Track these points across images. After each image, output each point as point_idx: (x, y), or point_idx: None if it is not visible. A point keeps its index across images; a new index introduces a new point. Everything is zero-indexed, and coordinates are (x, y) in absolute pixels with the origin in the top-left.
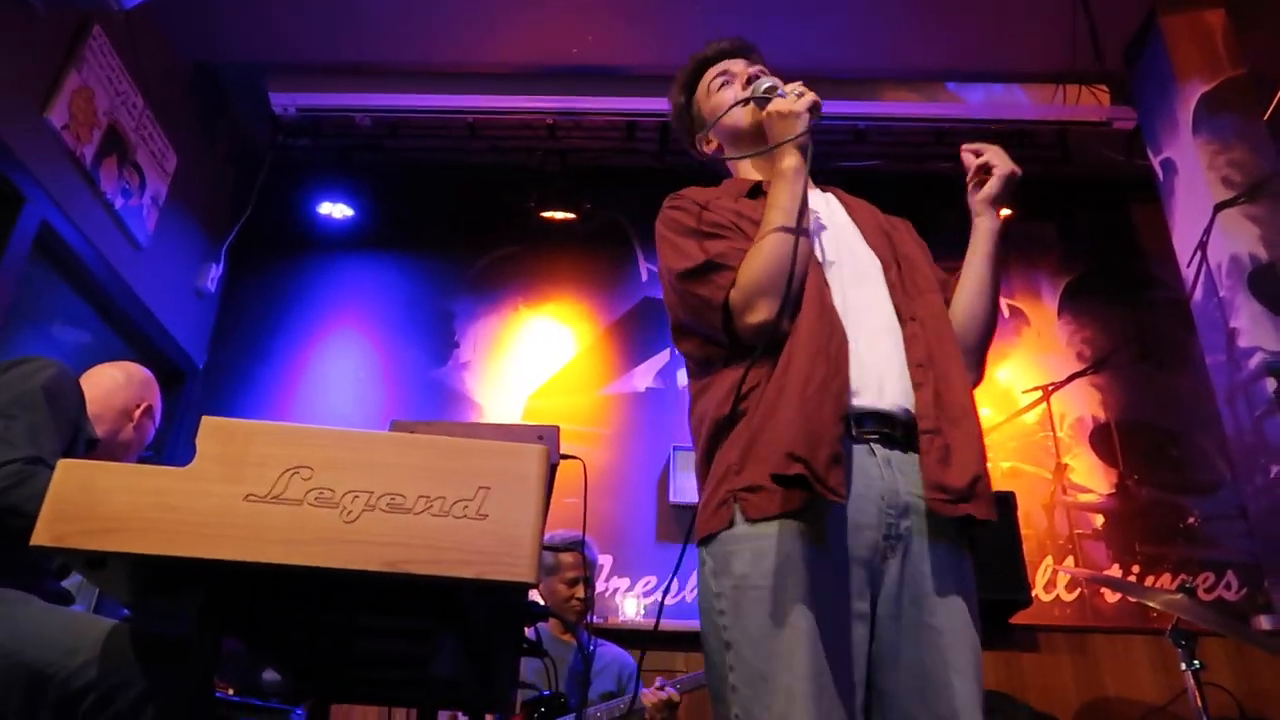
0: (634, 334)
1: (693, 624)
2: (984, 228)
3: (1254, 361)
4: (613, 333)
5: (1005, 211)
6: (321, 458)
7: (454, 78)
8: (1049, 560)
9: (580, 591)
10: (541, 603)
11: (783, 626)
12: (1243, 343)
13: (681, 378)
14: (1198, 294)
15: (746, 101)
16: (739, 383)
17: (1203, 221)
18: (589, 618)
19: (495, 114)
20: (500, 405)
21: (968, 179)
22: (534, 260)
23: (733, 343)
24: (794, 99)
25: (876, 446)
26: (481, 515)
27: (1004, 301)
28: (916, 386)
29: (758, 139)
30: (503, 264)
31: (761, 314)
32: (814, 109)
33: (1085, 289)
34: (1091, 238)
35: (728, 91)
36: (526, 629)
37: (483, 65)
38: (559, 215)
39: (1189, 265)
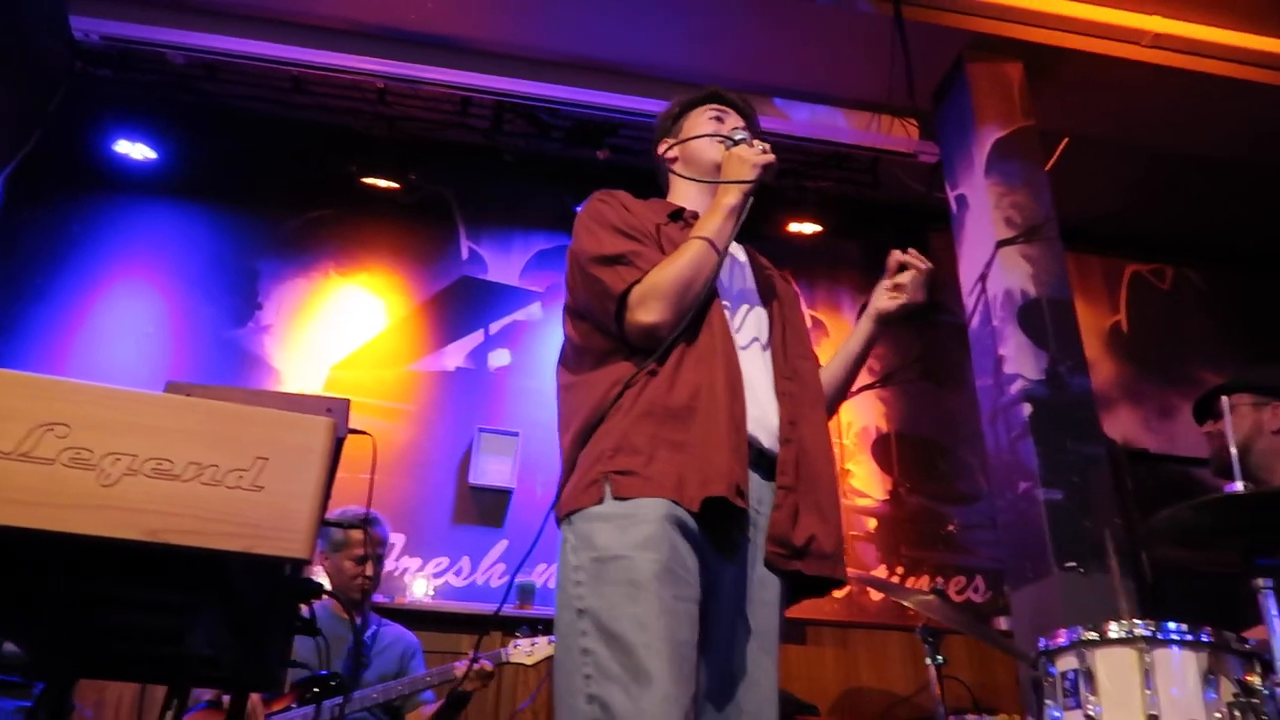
0: (449, 311)
1: (483, 607)
2: (866, 333)
3: (1015, 387)
4: (427, 308)
5: (816, 227)
6: (80, 415)
7: (283, 26)
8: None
9: (368, 569)
10: (321, 580)
11: (642, 593)
12: (1008, 369)
13: (494, 359)
14: (975, 321)
15: (723, 140)
16: (627, 379)
17: (985, 256)
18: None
19: (324, 70)
20: (301, 373)
21: (888, 273)
22: (351, 226)
23: (619, 338)
24: (759, 152)
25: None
26: (257, 487)
27: (807, 312)
28: (784, 443)
29: (710, 175)
30: (317, 226)
31: (654, 316)
32: (769, 169)
33: None
34: None
35: (713, 125)
36: (303, 606)
37: (316, 17)
38: (382, 183)
39: (970, 294)
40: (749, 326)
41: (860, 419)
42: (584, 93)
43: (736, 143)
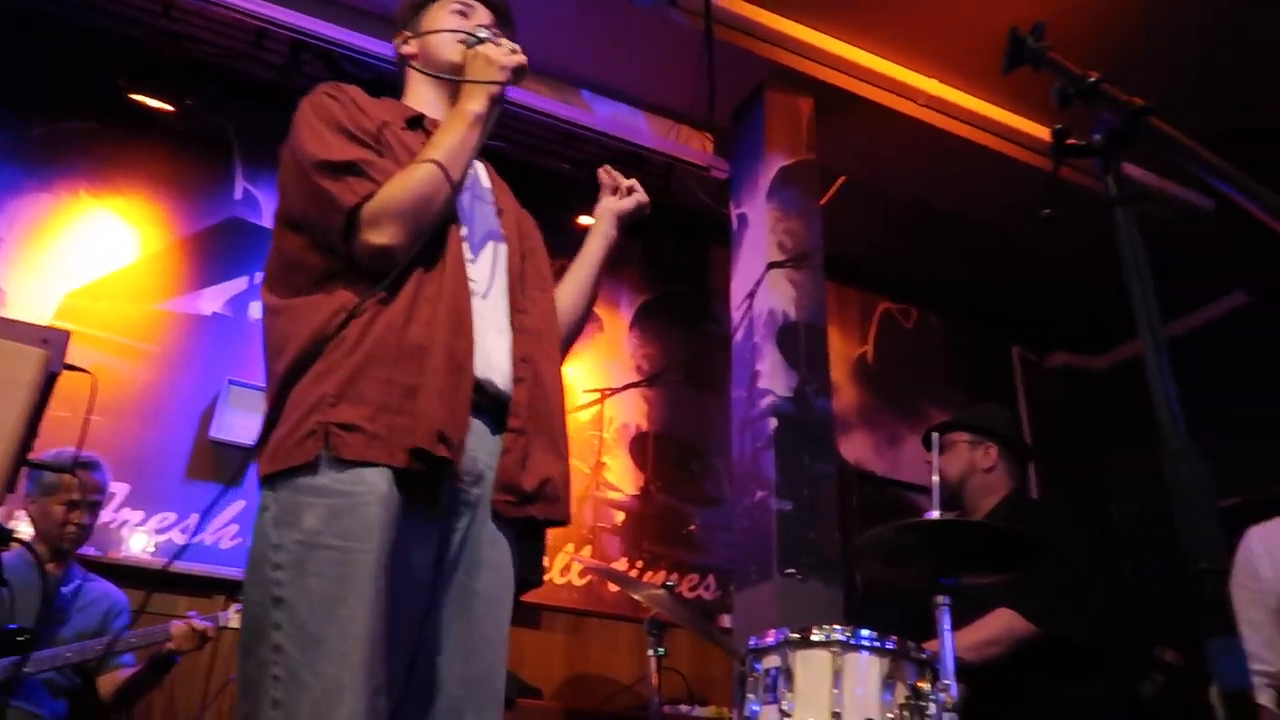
0: (212, 252)
1: (209, 569)
2: (604, 233)
3: (765, 402)
4: (188, 246)
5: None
6: None
7: None
8: (570, 547)
9: (79, 517)
10: (24, 526)
11: (349, 592)
12: (761, 384)
13: (255, 311)
14: (739, 335)
15: (466, 38)
16: (352, 308)
17: (756, 275)
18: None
19: None
20: (29, 297)
21: (605, 191)
22: (111, 143)
23: (343, 258)
24: (506, 51)
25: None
26: None
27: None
28: (517, 381)
29: (449, 84)
30: (71, 138)
31: (388, 237)
32: (519, 71)
33: (657, 310)
34: (672, 266)
35: (456, 20)
36: None
37: None
38: (154, 102)
39: (738, 309)
40: (486, 254)
41: (622, 415)
42: (388, 46)
43: (481, 41)
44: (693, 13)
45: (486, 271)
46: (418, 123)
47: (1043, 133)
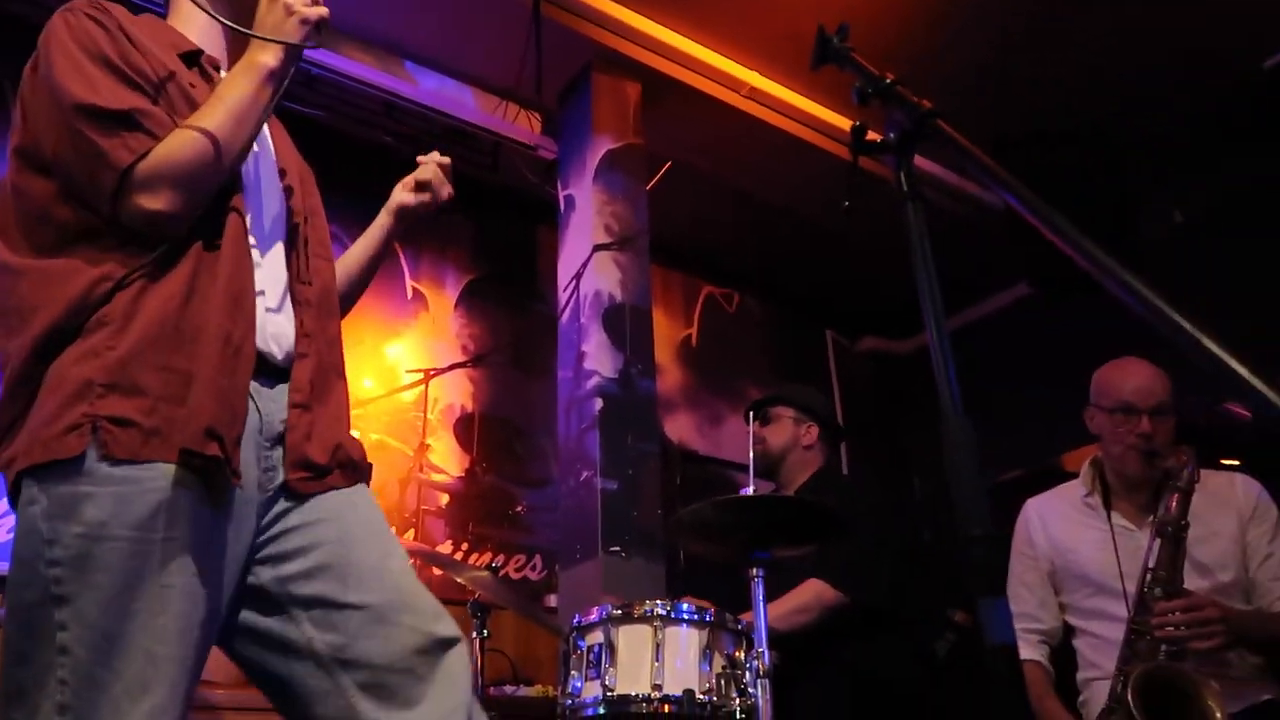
0: None
1: None
2: (381, 224)
3: (591, 383)
4: None
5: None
6: None
7: None
8: (393, 531)
9: None
10: None
11: (147, 582)
12: (587, 365)
13: None
14: (565, 317)
15: None
16: (119, 278)
17: (583, 257)
18: None
19: None
20: None
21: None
22: None
23: (105, 218)
24: (306, 2)
25: (254, 384)
26: None
27: (410, 283)
28: (299, 357)
29: (238, 10)
30: None
31: (164, 203)
32: (321, 25)
33: (483, 290)
34: (499, 245)
35: None
36: None
37: None
38: None
39: (565, 290)
40: (267, 218)
41: (446, 396)
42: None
43: None
44: None
45: (266, 237)
46: (194, 60)
47: (844, 122)
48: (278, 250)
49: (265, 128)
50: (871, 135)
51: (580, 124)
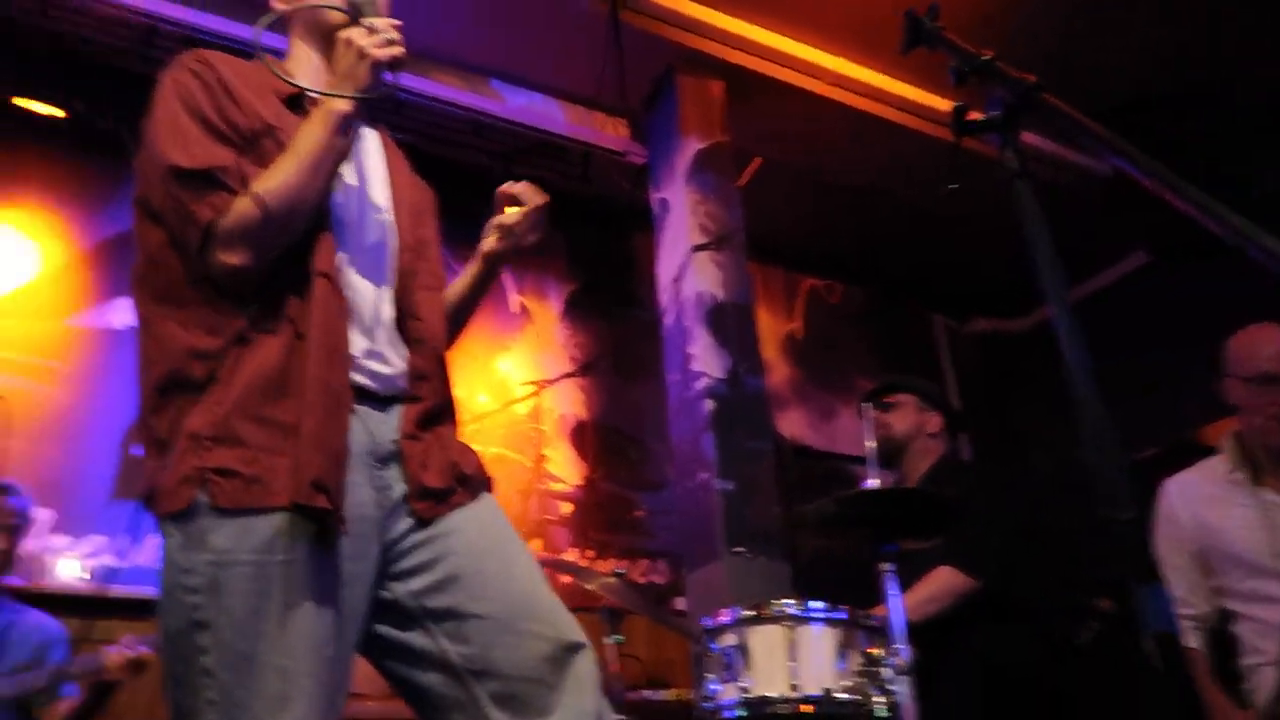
0: (120, 262)
1: (145, 591)
2: (479, 272)
3: (700, 384)
4: (93, 257)
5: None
6: None
7: None
8: (518, 537)
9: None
10: None
11: (272, 604)
12: (694, 367)
13: None
14: (669, 320)
15: (344, 7)
16: (225, 332)
17: (681, 258)
18: (4, 579)
19: None
20: None
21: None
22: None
23: (209, 269)
24: (378, 41)
25: (359, 408)
26: None
27: (515, 298)
28: (411, 399)
29: (326, 45)
30: None
31: (238, 259)
32: (394, 65)
33: (584, 299)
34: (597, 254)
35: None
36: None
37: None
38: (41, 108)
39: (665, 293)
40: (370, 254)
41: (559, 406)
42: (285, 41)
43: (357, 11)
44: None
45: (367, 274)
46: (297, 103)
47: (945, 105)
48: (381, 287)
49: (375, 153)
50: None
51: (667, 127)
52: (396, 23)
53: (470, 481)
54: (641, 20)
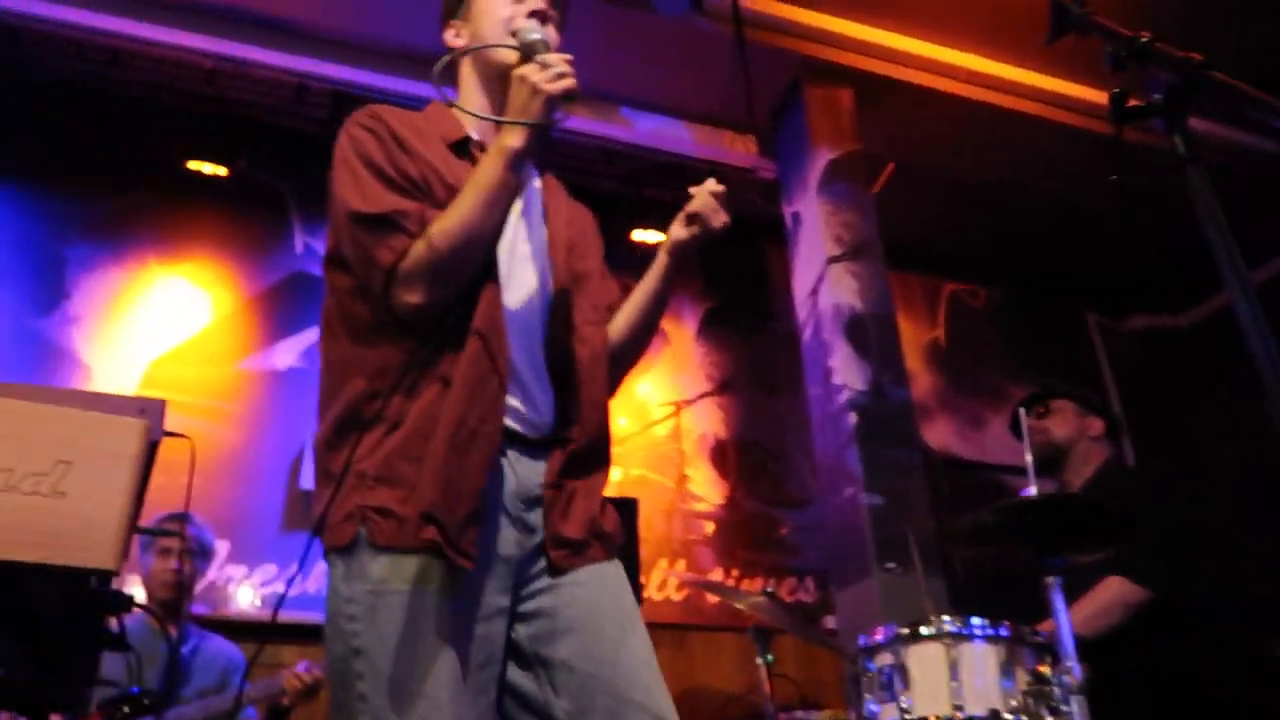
0: (281, 308)
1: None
2: (665, 265)
3: (843, 397)
4: (257, 304)
5: (659, 236)
6: None
7: None
8: (664, 562)
9: (171, 562)
10: (134, 589)
11: (422, 632)
12: (836, 380)
13: None
14: (807, 333)
15: (520, 46)
16: (397, 375)
17: (817, 271)
18: (189, 606)
19: (146, 44)
20: (114, 369)
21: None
22: (173, 212)
23: (386, 310)
24: (550, 75)
25: (509, 451)
26: (57, 493)
27: None
28: (559, 443)
29: (502, 85)
30: (135, 211)
31: (419, 297)
32: (568, 98)
33: (720, 317)
34: (731, 271)
35: (505, 7)
36: (112, 620)
37: None
38: (208, 168)
39: (803, 307)
40: (527, 291)
41: (699, 425)
42: (430, 88)
43: (530, 50)
44: (720, 17)
45: (524, 312)
46: (464, 148)
47: (1088, 94)
48: (536, 331)
49: (537, 189)
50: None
51: (797, 139)
52: (568, 56)
53: (607, 540)
54: (765, 35)
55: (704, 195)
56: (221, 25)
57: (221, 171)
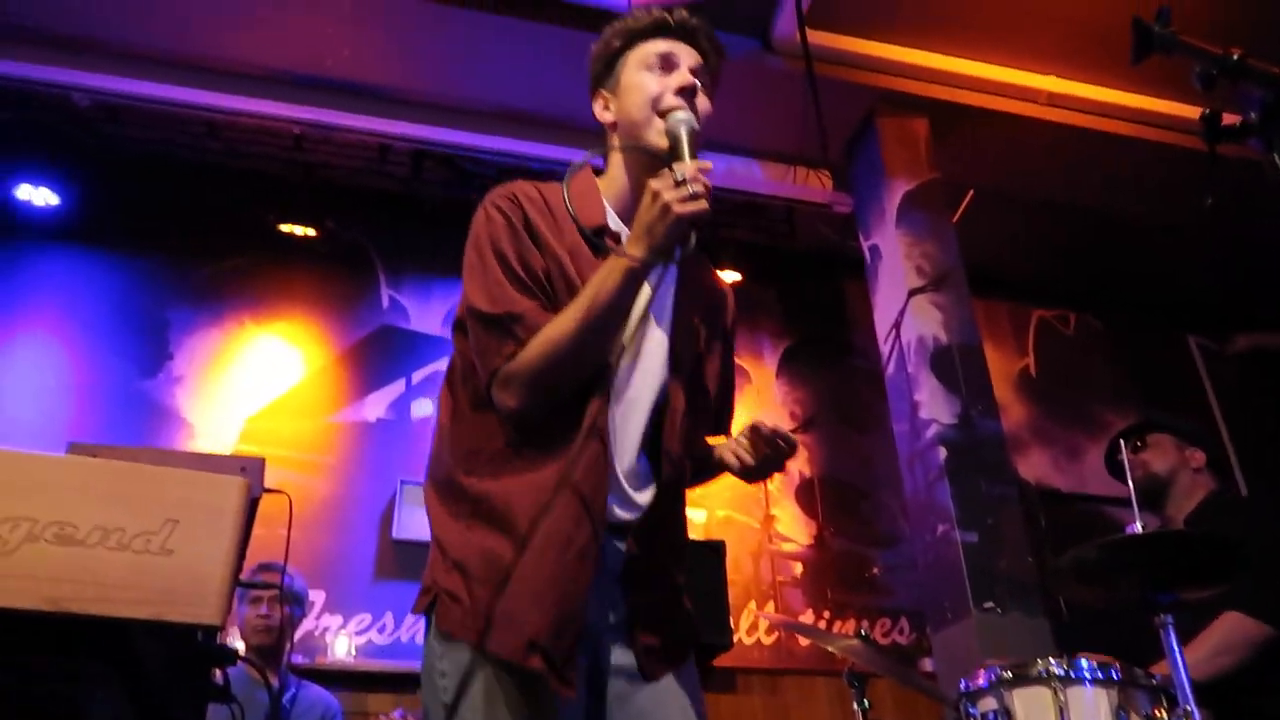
0: (369, 361)
1: (408, 665)
2: (719, 470)
3: (930, 432)
4: (347, 358)
5: (735, 275)
6: None
7: (195, 70)
8: (752, 605)
9: (261, 608)
10: (234, 643)
11: (505, 696)
12: (923, 414)
13: (416, 409)
14: (891, 367)
15: (667, 129)
16: (493, 457)
17: (899, 303)
18: (289, 655)
19: (238, 115)
20: (215, 426)
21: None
22: (266, 274)
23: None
24: (683, 196)
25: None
26: (166, 551)
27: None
28: (637, 556)
29: (649, 162)
30: (231, 274)
31: (515, 402)
32: (696, 222)
33: (800, 354)
34: (809, 307)
35: (653, 82)
36: (215, 672)
37: (229, 62)
38: (299, 230)
39: (885, 341)
40: (646, 387)
41: None
42: (505, 141)
43: (675, 142)
44: (790, 54)
45: (640, 413)
46: (602, 237)
47: (1177, 109)
48: (643, 428)
49: (669, 282)
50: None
51: (872, 171)
52: (707, 166)
53: (680, 642)
54: (836, 70)
55: (770, 451)
56: (308, 93)
57: (311, 232)
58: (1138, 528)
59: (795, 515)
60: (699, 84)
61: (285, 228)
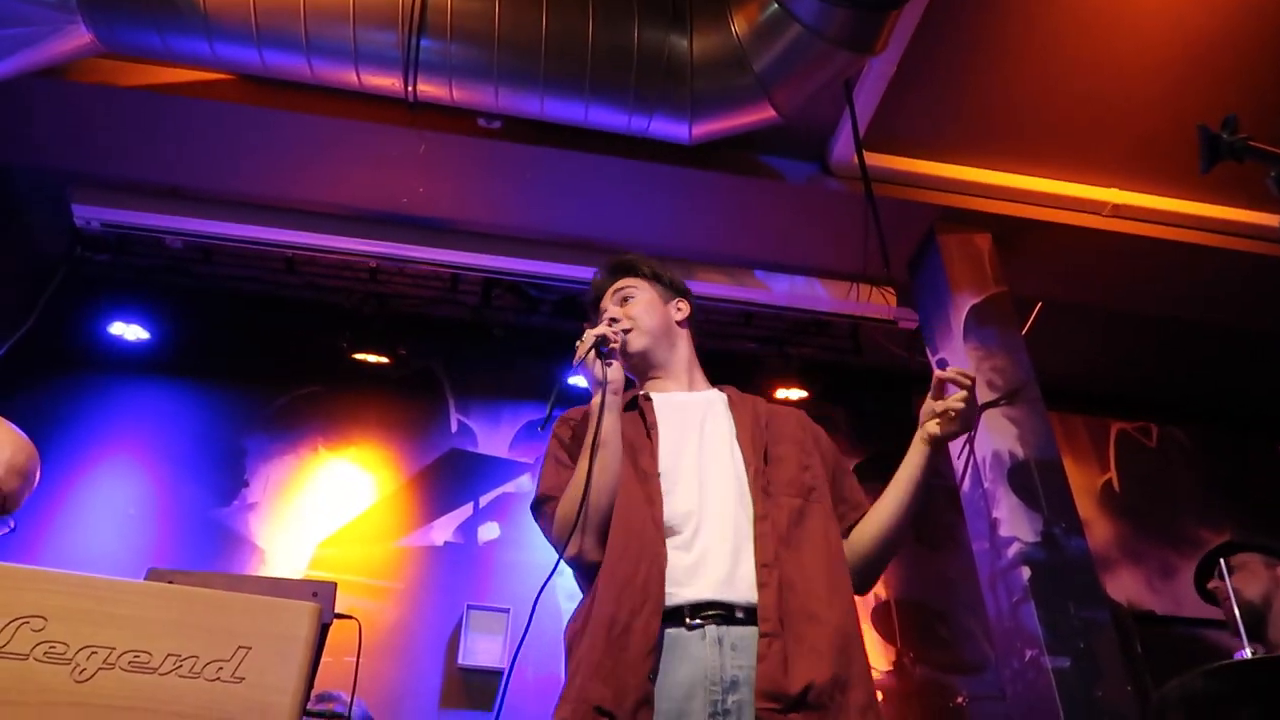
0: (438, 485)
1: None
2: (922, 454)
3: (1012, 550)
4: (416, 483)
5: (801, 393)
6: (57, 606)
7: (278, 211)
8: None
9: None
10: None
11: None
12: (1003, 532)
13: (484, 533)
14: (966, 484)
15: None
16: (589, 602)
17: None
18: None
19: (318, 251)
20: (286, 552)
21: (930, 395)
22: (339, 401)
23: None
24: (581, 347)
25: (710, 628)
26: (237, 679)
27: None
28: (760, 586)
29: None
30: (305, 402)
31: (571, 550)
32: (598, 343)
33: (871, 472)
34: (878, 424)
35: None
36: None
37: (310, 203)
38: (372, 358)
39: (959, 457)
40: (715, 477)
41: None
42: (571, 268)
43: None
44: (848, 177)
45: (716, 493)
46: (634, 402)
47: (1253, 217)
48: (723, 497)
49: (716, 399)
50: None
51: (936, 287)
52: (613, 316)
53: (819, 708)
54: (895, 190)
55: (961, 395)
56: (383, 228)
57: (384, 360)
58: (1246, 654)
59: (873, 640)
60: (613, 305)
61: (359, 355)
